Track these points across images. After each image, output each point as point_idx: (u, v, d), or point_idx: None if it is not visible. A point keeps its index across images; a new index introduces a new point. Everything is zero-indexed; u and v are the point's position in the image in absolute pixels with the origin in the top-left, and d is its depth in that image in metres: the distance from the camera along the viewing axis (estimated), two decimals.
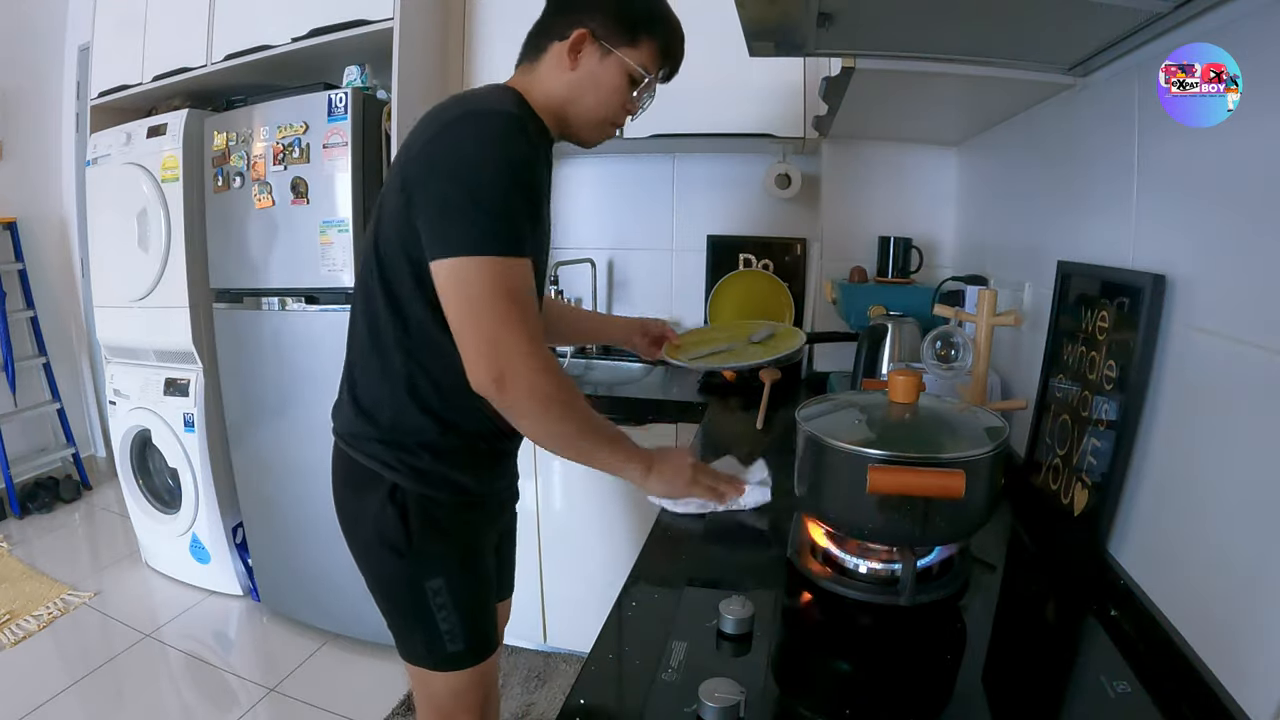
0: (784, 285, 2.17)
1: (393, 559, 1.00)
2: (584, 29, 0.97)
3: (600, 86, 1.00)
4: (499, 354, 0.85)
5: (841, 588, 0.82)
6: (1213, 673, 0.64)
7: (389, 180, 0.96)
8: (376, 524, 0.99)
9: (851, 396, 0.98)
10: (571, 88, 0.99)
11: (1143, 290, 0.79)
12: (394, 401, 0.99)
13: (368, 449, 1.00)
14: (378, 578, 1.05)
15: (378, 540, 1.00)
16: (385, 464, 0.98)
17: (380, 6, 1.86)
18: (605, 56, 0.99)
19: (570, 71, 0.99)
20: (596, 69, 0.99)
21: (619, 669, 0.71)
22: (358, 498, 1.02)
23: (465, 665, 1.05)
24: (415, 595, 1.01)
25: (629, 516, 1.87)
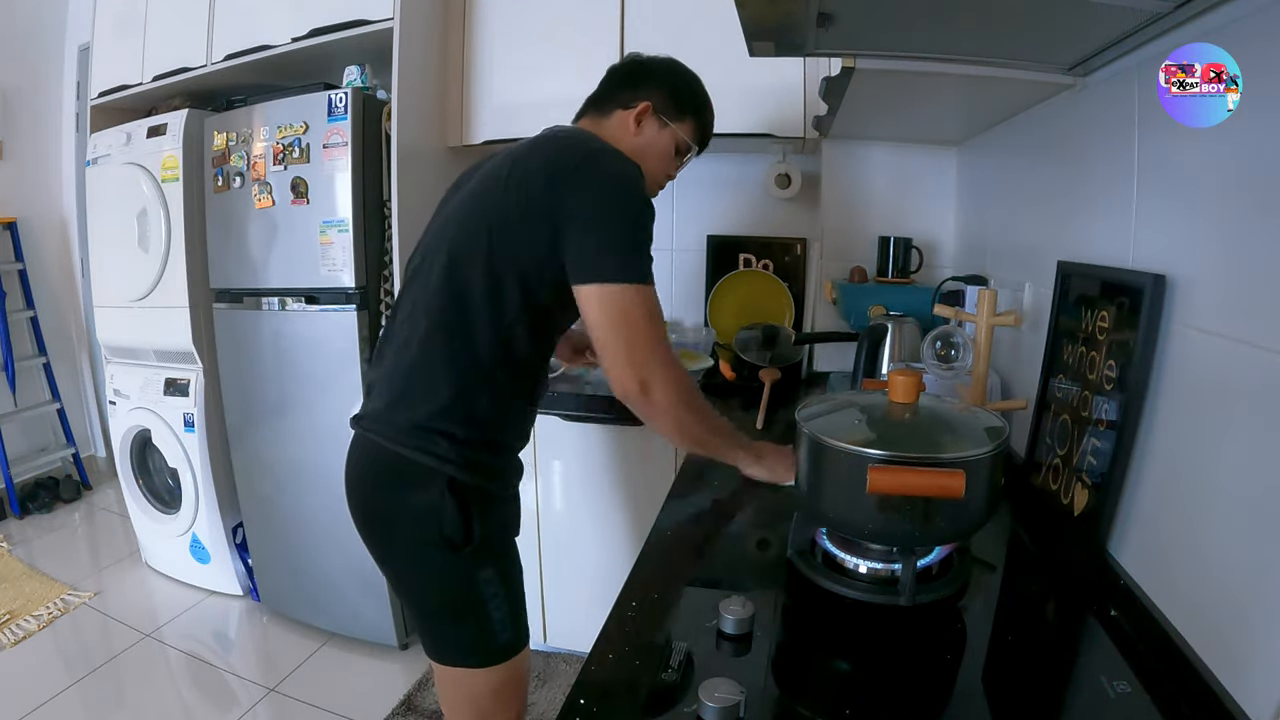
0: (784, 285, 2.17)
1: (446, 555, 1.03)
2: (648, 102, 1.17)
3: (657, 151, 1.20)
4: (645, 368, 1.00)
5: (841, 588, 0.82)
6: (1213, 673, 0.64)
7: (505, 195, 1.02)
8: (431, 519, 1.01)
9: (851, 396, 0.98)
10: (638, 149, 1.15)
11: (1143, 290, 0.79)
12: (467, 395, 1.03)
13: (426, 444, 1.02)
14: (428, 577, 1.06)
15: (431, 536, 1.02)
16: (444, 458, 1.01)
17: (380, 6, 1.86)
18: (663, 128, 1.19)
19: (634, 136, 1.17)
20: (655, 136, 1.19)
21: (619, 669, 0.71)
22: (405, 495, 1.03)
23: (514, 654, 1.10)
24: (469, 588, 1.05)
25: (629, 517, 1.87)
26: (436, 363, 1.03)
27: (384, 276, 1.97)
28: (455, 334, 1.03)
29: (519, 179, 1.02)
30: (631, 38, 1.92)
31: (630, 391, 1.01)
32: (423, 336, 1.04)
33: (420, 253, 1.14)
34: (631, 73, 1.22)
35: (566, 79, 2.00)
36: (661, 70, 1.22)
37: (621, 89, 1.20)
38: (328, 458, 2.03)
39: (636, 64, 1.23)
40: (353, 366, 1.94)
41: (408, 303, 1.10)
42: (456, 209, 1.09)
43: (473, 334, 1.03)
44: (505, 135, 2.01)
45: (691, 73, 1.25)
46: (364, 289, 1.92)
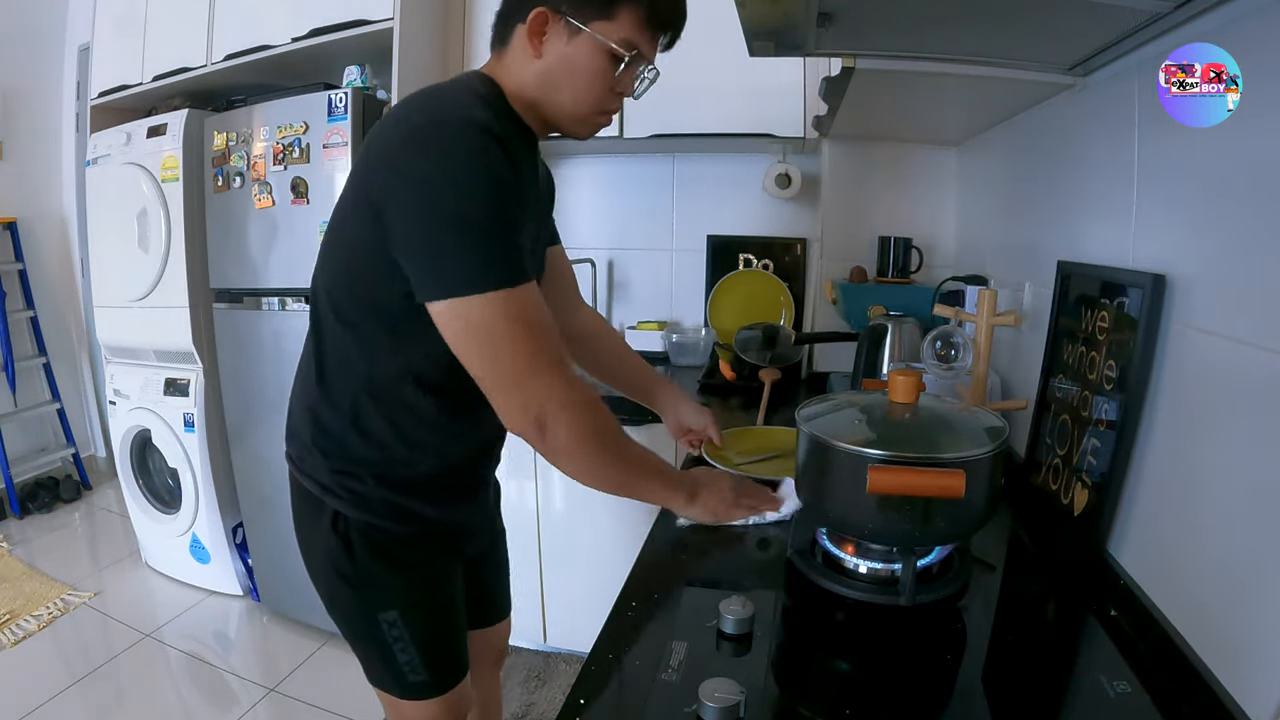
0: (784, 285, 2.17)
1: (344, 587, 0.95)
2: (541, 7, 0.82)
3: (575, 72, 0.85)
4: (531, 396, 0.78)
5: (841, 588, 0.82)
6: (1213, 673, 0.64)
7: (348, 189, 0.85)
8: (325, 551, 0.93)
9: (851, 396, 0.97)
10: (542, 77, 0.85)
11: (1143, 290, 0.79)
12: (339, 428, 0.91)
13: (314, 474, 0.93)
14: (332, 606, 0.99)
15: (328, 568, 0.94)
16: (328, 490, 0.92)
17: (380, 6, 1.86)
18: (574, 36, 0.83)
19: (537, 60, 0.85)
20: (566, 52, 0.84)
21: (619, 669, 0.71)
22: (308, 523, 0.96)
23: (429, 695, 1.00)
24: (369, 625, 0.95)
25: (629, 517, 1.86)
26: (306, 388, 0.95)
27: None
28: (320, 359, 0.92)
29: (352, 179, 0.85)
30: None
31: (521, 428, 0.79)
32: (303, 362, 0.96)
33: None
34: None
35: None
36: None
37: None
38: None
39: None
40: None
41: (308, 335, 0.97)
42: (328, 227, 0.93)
43: (329, 359, 0.90)
44: None
45: None
46: None
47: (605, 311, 2.39)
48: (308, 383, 0.94)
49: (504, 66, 0.88)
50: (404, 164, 0.76)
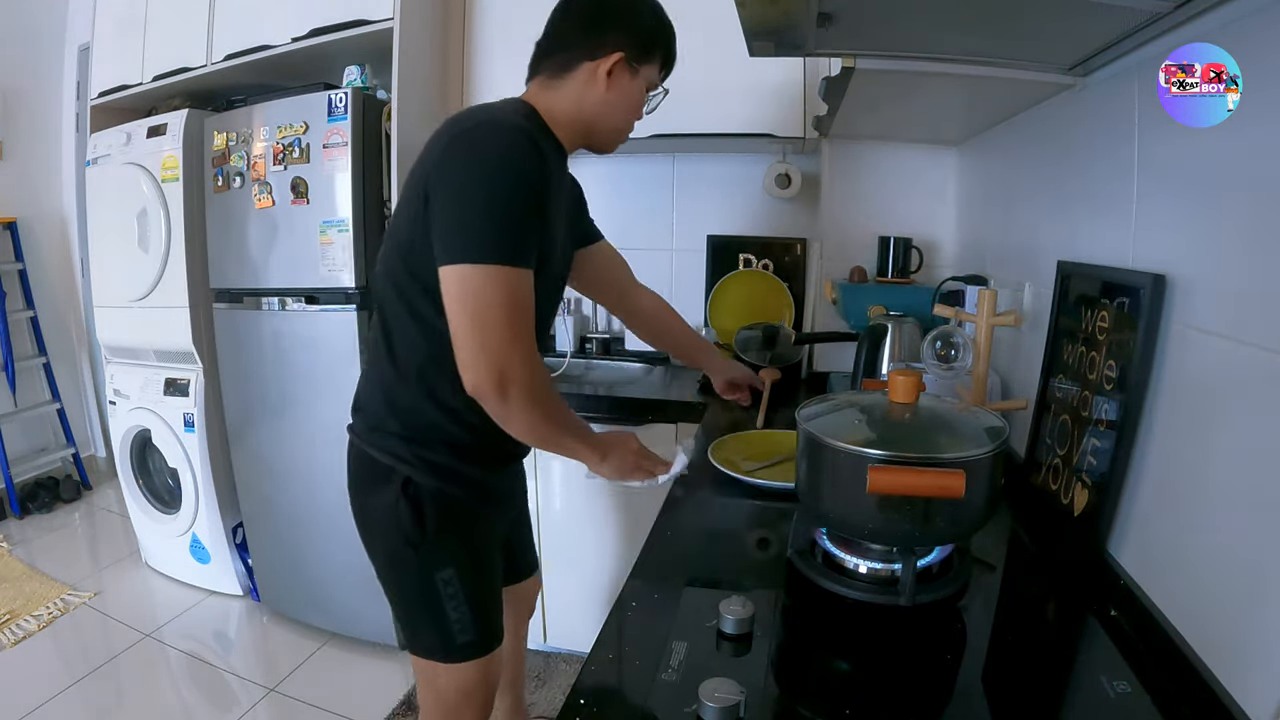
0: (784, 285, 2.17)
1: (405, 551, 1.04)
2: (620, 53, 1.03)
3: (629, 102, 1.08)
4: (500, 361, 0.89)
5: (841, 588, 0.82)
6: (1213, 673, 0.64)
7: (407, 188, 0.99)
8: (390, 517, 1.03)
9: (851, 396, 0.98)
10: (606, 105, 1.05)
11: (1143, 290, 0.80)
12: (411, 400, 1.03)
13: (384, 444, 1.04)
14: (389, 570, 1.08)
15: (390, 533, 1.04)
16: (400, 458, 1.02)
17: (380, 6, 1.86)
18: (634, 77, 1.06)
19: (605, 91, 1.04)
20: (628, 87, 1.06)
21: (619, 669, 0.71)
22: (371, 492, 1.05)
23: (474, 656, 1.09)
24: (426, 586, 1.05)
25: (629, 517, 1.87)
26: (379, 366, 1.05)
27: None
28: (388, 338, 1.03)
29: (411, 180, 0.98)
30: None
31: (480, 386, 0.89)
32: (371, 342, 1.07)
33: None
34: (595, 13, 1.05)
35: None
36: (626, 7, 1.06)
37: (582, 35, 1.04)
38: (328, 458, 2.03)
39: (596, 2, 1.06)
40: (353, 367, 1.94)
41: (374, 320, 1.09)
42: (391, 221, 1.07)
43: (396, 337, 1.02)
44: None
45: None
46: (364, 289, 1.92)
47: (605, 312, 2.38)
48: (378, 360, 1.05)
49: (553, 90, 1.06)
50: (452, 155, 0.93)
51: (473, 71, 2.07)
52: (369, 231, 1.92)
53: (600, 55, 1.03)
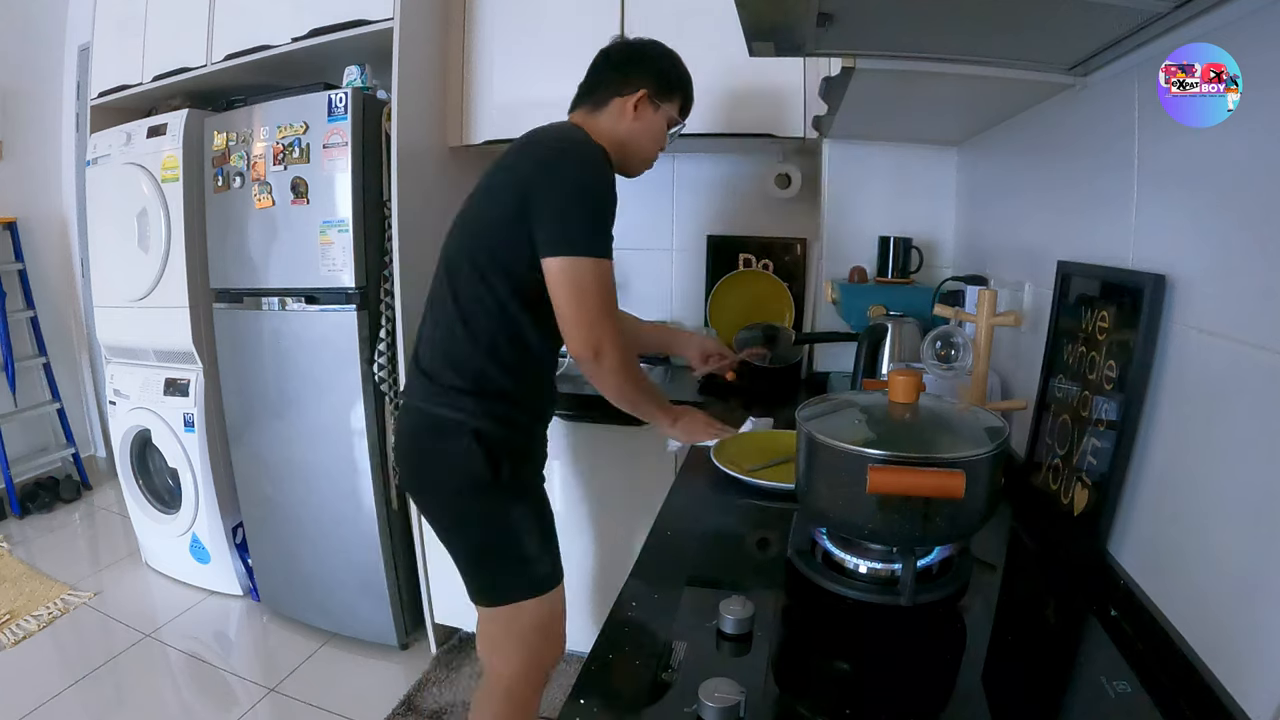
0: (784, 285, 2.17)
1: (480, 497, 1.19)
2: (645, 89, 1.28)
3: (652, 133, 1.31)
4: (598, 333, 1.14)
5: (841, 588, 0.82)
6: (1213, 673, 0.64)
7: (493, 189, 1.20)
8: (463, 466, 1.18)
9: (851, 396, 0.98)
10: (633, 134, 1.29)
11: (1143, 290, 0.79)
12: (480, 362, 1.20)
13: (455, 402, 1.19)
14: (464, 523, 1.23)
15: (464, 482, 1.19)
16: (470, 412, 1.18)
17: (380, 6, 1.86)
18: (656, 110, 1.31)
19: (634, 122, 1.29)
20: (652, 120, 1.30)
21: (619, 669, 0.71)
22: (440, 447, 1.19)
23: (551, 586, 1.25)
24: (503, 524, 1.21)
25: (629, 516, 1.87)
26: (456, 342, 1.20)
27: (384, 276, 1.96)
28: (462, 313, 1.19)
29: (504, 182, 1.18)
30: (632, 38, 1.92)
31: (585, 355, 1.15)
32: (447, 322, 1.21)
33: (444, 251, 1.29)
34: (626, 59, 1.31)
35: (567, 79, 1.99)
36: (652, 54, 1.32)
37: (617, 75, 1.30)
38: (328, 458, 2.03)
39: (629, 50, 1.33)
40: (353, 366, 1.94)
41: (439, 296, 1.25)
42: (465, 213, 1.26)
43: (473, 313, 1.19)
44: (505, 135, 2.01)
45: (674, 52, 1.36)
46: (364, 289, 1.92)
47: None
48: (449, 333, 1.21)
49: (595, 121, 1.29)
50: (555, 167, 1.15)
51: (473, 71, 2.07)
52: (369, 231, 1.92)
53: (628, 91, 1.28)
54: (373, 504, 1.99)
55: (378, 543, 2.01)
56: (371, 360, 1.94)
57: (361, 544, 2.03)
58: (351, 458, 1.99)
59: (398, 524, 2.07)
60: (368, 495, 1.99)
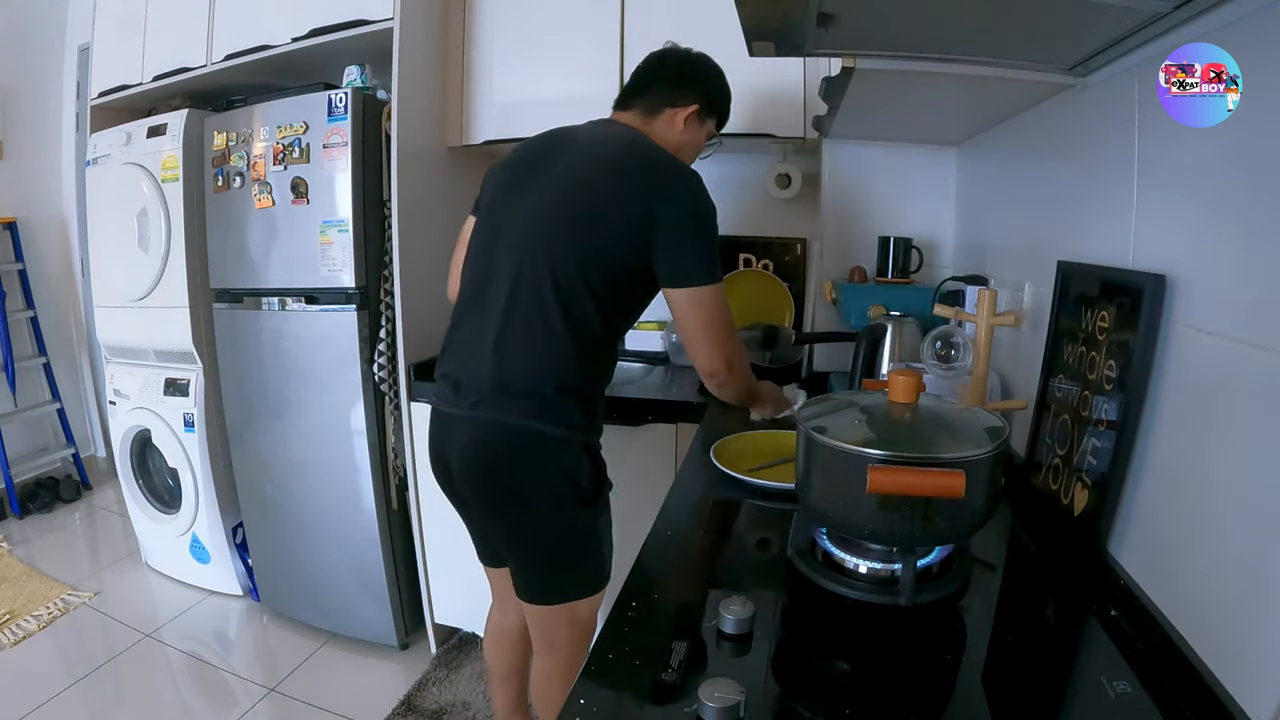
0: (784, 285, 2.17)
1: (583, 504, 1.22)
2: (695, 104, 1.32)
3: (695, 145, 1.37)
4: (728, 351, 1.23)
5: (841, 588, 0.82)
6: (1213, 673, 0.64)
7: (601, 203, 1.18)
8: (572, 477, 1.20)
9: (851, 396, 0.97)
10: (681, 144, 1.33)
11: (1143, 290, 0.79)
12: (590, 379, 1.23)
13: (560, 417, 1.18)
14: (559, 529, 1.23)
15: (570, 494, 1.20)
16: (578, 427, 1.20)
17: (380, 6, 1.86)
18: (701, 126, 1.36)
19: (680, 133, 1.32)
20: (695, 134, 1.35)
21: (619, 669, 0.71)
22: (546, 462, 1.19)
23: (605, 583, 1.31)
24: (592, 532, 1.25)
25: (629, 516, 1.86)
26: (556, 350, 1.18)
27: (384, 276, 1.96)
28: (566, 325, 1.17)
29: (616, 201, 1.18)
30: (631, 38, 1.92)
31: (715, 370, 1.24)
32: (555, 338, 1.17)
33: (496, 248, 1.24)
34: (681, 72, 1.34)
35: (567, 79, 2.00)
36: (705, 71, 1.36)
37: (670, 86, 1.32)
38: (328, 457, 2.03)
39: (685, 63, 1.35)
40: (353, 366, 1.94)
41: (533, 306, 1.17)
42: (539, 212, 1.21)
43: (588, 319, 1.18)
44: (505, 135, 2.01)
45: (721, 70, 1.39)
46: (364, 289, 1.92)
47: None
48: (551, 348, 1.18)
49: (650, 127, 1.31)
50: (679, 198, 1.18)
51: (473, 71, 2.07)
52: (369, 231, 1.92)
53: (681, 104, 1.31)
54: (373, 504, 1.99)
55: (378, 543, 2.02)
56: (371, 360, 1.94)
57: (361, 544, 2.03)
58: (351, 458, 1.99)
59: (398, 524, 2.07)
60: (368, 495, 1.99)
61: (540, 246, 1.18)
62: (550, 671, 1.36)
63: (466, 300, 1.28)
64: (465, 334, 1.26)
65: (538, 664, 1.40)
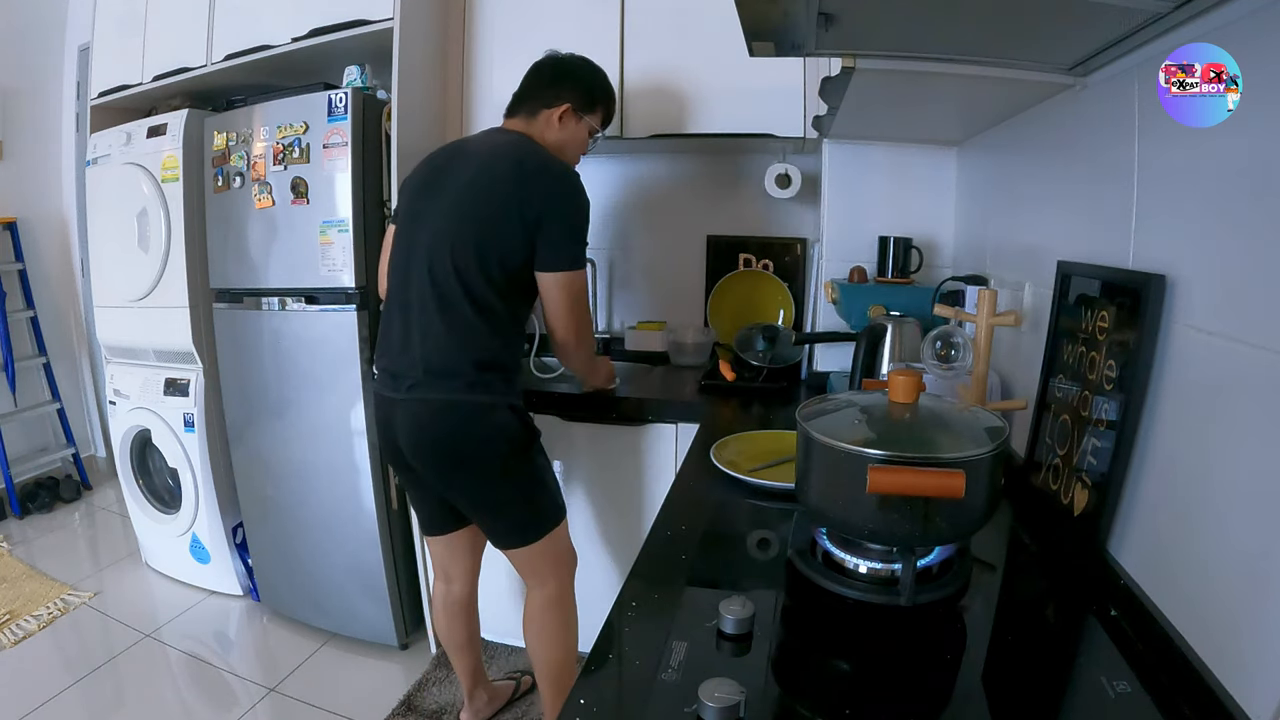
0: (784, 285, 2.17)
1: (520, 454, 1.43)
2: (567, 104, 1.48)
3: (576, 142, 1.53)
4: (583, 329, 1.46)
5: (841, 588, 0.82)
6: (1212, 672, 0.64)
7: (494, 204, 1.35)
8: (504, 434, 1.39)
9: (851, 396, 0.97)
10: (561, 141, 1.49)
11: (1143, 290, 0.79)
12: (502, 353, 1.41)
13: (488, 387, 1.38)
14: (506, 480, 1.42)
15: (503, 448, 1.40)
16: (501, 393, 1.39)
17: (380, 6, 1.86)
18: (579, 122, 1.51)
19: (558, 131, 1.49)
20: (575, 130, 1.51)
21: (619, 669, 0.71)
22: (484, 425, 1.38)
23: (565, 509, 1.54)
24: (536, 470, 1.47)
25: (629, 516, 1.87)
26: (473, 333, 1.36)
27: None
28: (479, 305, 1.35)
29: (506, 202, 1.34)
30: (631, 39, 1.92)
31: (567, 342, 1.45)
32: (464, 321, 1.36)
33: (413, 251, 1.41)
34: (553, 75, 1.50)
35: None
36: (575, 71, 1.52)
37: (545, 89, 1.49)
38: (328, 458, 2.03)
39: (555, 66, 1.51)
40: (353, 366, 1.94)
41: (446, 298, 1.36)
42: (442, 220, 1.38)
43: (491, 302, 1.36)
44: None
45: (600, 68, 1.56)
46: (364, 289, 1.92)
47: (605, 311, 2.39)
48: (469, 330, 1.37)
49: (531, 128, 1.48)
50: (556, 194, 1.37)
51: (473, 71, 2.07)
52: (369, 231, 1.92)
53: (554, 105, 1.47)
54: (373, 504, 1.99)
55: (378, 543, 2.01)
56: (371, 360, 1.94)
57: (361, 544, 2.03)
58: (351, 458, 1.99)
59: (398, 524, 2.07)
60: (368, 495, 1.99)
61: (445, 249, 1.36)
62: (543, 603, 1.55)
63: (393, 300, 1.45)
64: (394, 329, 1.43)
65: (530, 599, 1.57)
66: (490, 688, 1.82)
